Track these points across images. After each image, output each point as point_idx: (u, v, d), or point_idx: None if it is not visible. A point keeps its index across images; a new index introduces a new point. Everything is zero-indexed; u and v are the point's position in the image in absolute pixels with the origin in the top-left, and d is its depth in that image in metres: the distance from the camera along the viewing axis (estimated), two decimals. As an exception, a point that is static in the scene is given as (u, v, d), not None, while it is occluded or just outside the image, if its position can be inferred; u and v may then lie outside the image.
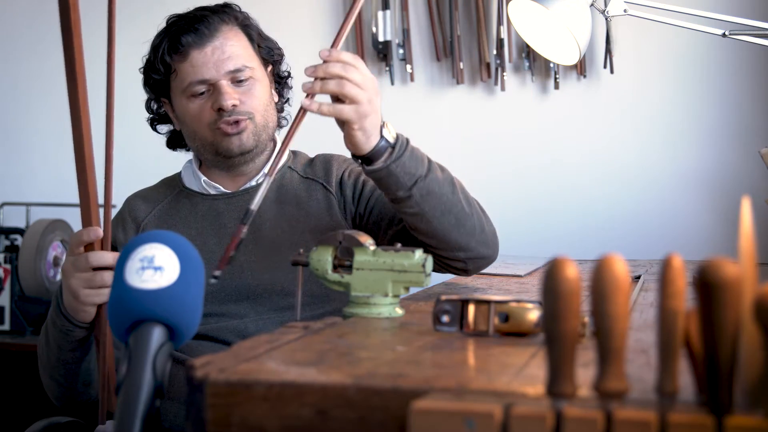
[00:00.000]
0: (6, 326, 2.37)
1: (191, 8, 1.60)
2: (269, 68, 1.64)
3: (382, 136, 1.32)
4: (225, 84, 1.53)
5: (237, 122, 1.53)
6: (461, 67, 2.43)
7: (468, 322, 0.99)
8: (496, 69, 2.41)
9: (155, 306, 0.79)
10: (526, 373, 0.81)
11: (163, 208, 1.63)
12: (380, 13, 2.46)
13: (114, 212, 1.69)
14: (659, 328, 0.64)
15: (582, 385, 0.67)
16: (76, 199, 1.31)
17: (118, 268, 0.81)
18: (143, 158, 2.41)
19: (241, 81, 1.55)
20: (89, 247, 1.32)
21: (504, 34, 2.39)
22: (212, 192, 1.62)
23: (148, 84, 1.63)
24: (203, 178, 1.62)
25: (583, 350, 0.80)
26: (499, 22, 2.39)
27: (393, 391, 0.73)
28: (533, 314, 0.98)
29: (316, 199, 1.59)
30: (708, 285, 0.61)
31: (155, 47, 1.58)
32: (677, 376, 0.63)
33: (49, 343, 1.45)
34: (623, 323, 0.63)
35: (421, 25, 2.48)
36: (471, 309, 0.99)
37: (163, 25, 1.61)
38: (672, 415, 0.63)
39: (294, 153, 1.70)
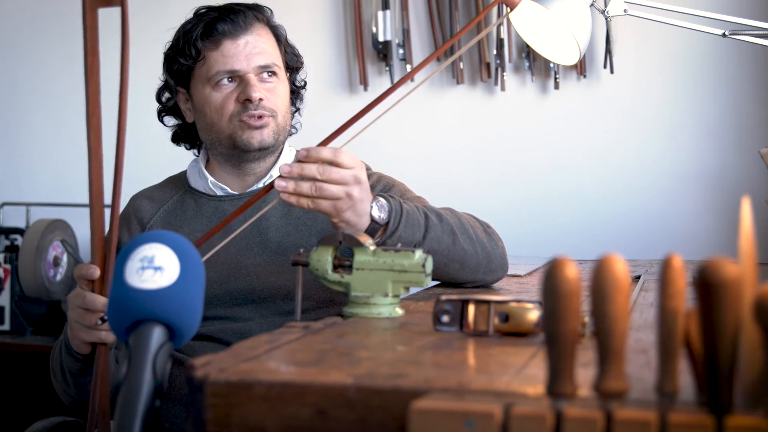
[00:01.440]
0: (6, 326, 2.37)
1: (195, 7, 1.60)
2: (288, 75, 1.65)
3: (371, 218, 1.32)
4: (253, 77, 1.54)
5: (261, 117, 1.54)
6: (461, 67, 2.43)
7: (468, 322, 0.99)
8: (496, 69, 2.41)
9: (155, 306, 0.79)
10: (526, 373, 0.81)
11: (168, 208, 1.62)
12: (380, 13, 2.46)
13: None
14: (659, 328, 0.64)
15: (582, 385, 0.67)
16: (76, 199, 1.29)
17: (118, 268, 0.81)
18: (144, 155, 2.41)
19: (268, 78, 1.56)
20: (96, 280, 1.23)
21: (504, 34, 2.39)
22: (219, 193, 1.61)
23: (170, 70, 1.61)
24: (210, 178, 1.61)
25: (583, 350, 0.80)
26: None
27: (393, 391, 0.73)
28: (533, 314, 0.98)
29: None
30: (708, 285, 0.61)
31: (187, 31, 1.56)
32: (677, 376, 0.63)
33: (62, 362, 1.43)
34: (623, 323, 0.63)
35: (421, 25, 2.48)
36: (471, 309, 0.99)
37: (191, 15, 1.59)
38: (672, 415, 0.63)
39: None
